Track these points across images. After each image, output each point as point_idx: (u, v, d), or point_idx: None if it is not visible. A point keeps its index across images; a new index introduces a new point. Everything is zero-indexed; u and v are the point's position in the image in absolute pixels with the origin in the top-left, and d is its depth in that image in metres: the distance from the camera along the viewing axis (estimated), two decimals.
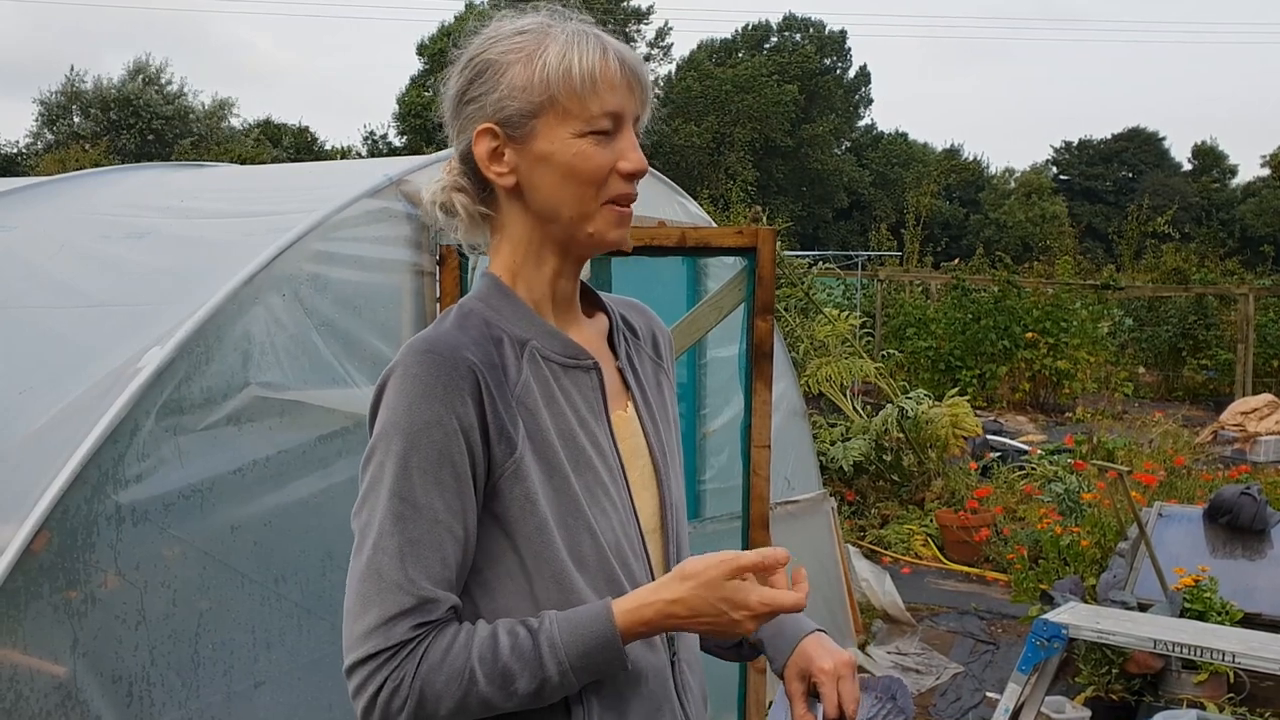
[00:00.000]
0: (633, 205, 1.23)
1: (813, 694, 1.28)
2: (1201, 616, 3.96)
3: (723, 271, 3.98)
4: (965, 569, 6.33)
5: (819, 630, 1.33)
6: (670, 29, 45.34)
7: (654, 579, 1.21)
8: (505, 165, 1.19)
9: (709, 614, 1.11)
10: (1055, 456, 7.83)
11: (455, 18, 35.49)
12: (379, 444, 1.12)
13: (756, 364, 2.95)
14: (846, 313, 8.86)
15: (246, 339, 2.44)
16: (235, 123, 34.10)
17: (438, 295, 2.92)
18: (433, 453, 1.10)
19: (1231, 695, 3.94)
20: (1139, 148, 44.37)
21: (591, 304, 1.34)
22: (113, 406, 2.17)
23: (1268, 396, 10.72)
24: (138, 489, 2.21)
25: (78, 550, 2.10)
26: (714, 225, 4.22)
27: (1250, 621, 3.97)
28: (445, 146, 3.42)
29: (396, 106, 35.95)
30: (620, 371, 1.31)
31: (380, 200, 2.81)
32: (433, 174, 3.11)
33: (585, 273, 3.52)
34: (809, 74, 38.20)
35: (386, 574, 1.09)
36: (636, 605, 1.12)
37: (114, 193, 3.65)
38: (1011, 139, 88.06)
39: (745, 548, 3.06)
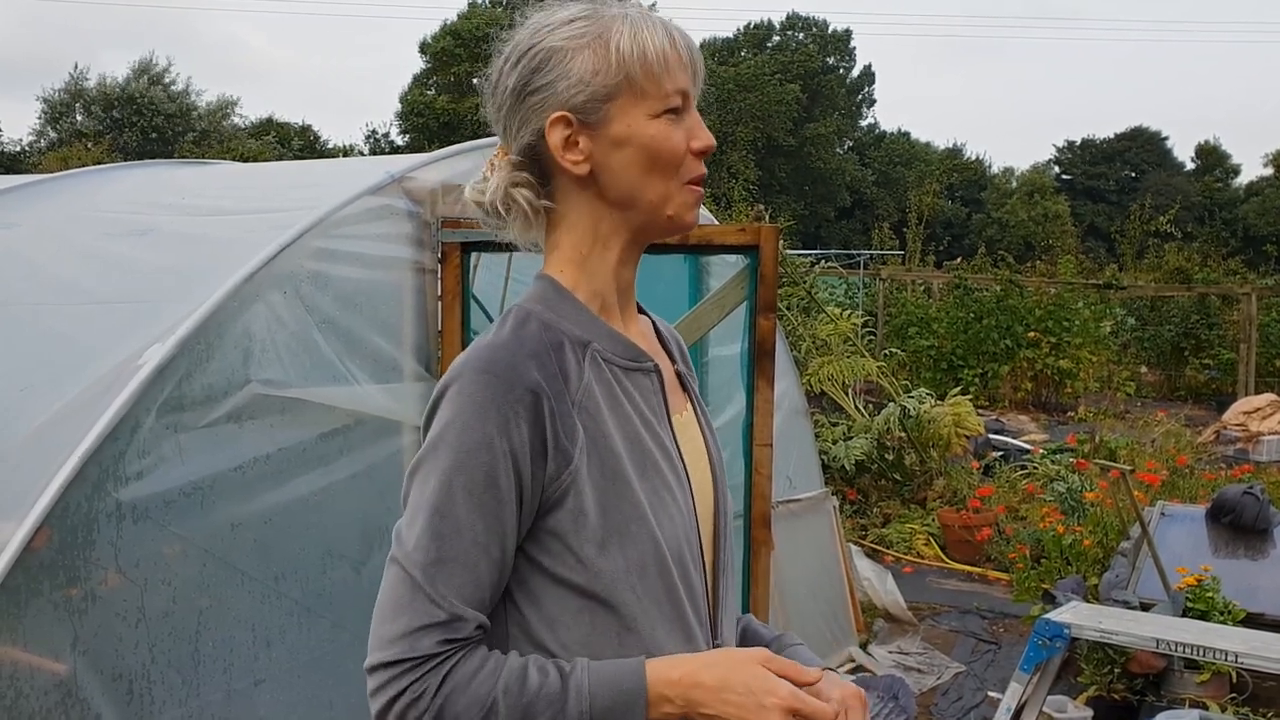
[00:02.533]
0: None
1: None
2: (1204, 616, 3.95)
3: (725, 270, 3.97)
4: (967, 568, 6.32)
5: (828, 669, 1.31)
6: None
7: (707, 584, 1.21)
8: (580, 153, 1.16)
9: (734, 695, 1.07)
10: (1057, 456, 7.82)
11: (459, 16, 35.51)
12: (428, 456, 1.11)
13: (758, 362, 2.94)
14: (849, 312, 8.85)
15: (247, 336, 2.44)
16: (238, 121, 34.14)
17: (439, 293, 2.92)
18: (479, 474, 1.08)
19: (1234, 695, 3.93)
20: (1141, 147, 44.33)
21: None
22: (113, 404, 2.17)
23: (1270, 396, 10.70)
24: (138, 486, 2.20)
25: (78, 548, 2.10)
26: (716, 223, 4.21)
27: (1253, 621, 3.96)
28: (449, 144, 3.40)
29: (399, 105, 35.97)
30: (678, 373, 1.30)
31: (382, 197, 2.80)
32: (434, 172, 3.10)
33: None
34: (811, 73, 38.19)
35: (421, 586, 1.08)
36: (669, 665, 1.10)
37: (116, 190, 3.64)
38: (1014, 138, 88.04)
39: (747, 546, 3.06)
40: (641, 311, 1.32)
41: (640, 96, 1.15)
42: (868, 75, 42.90)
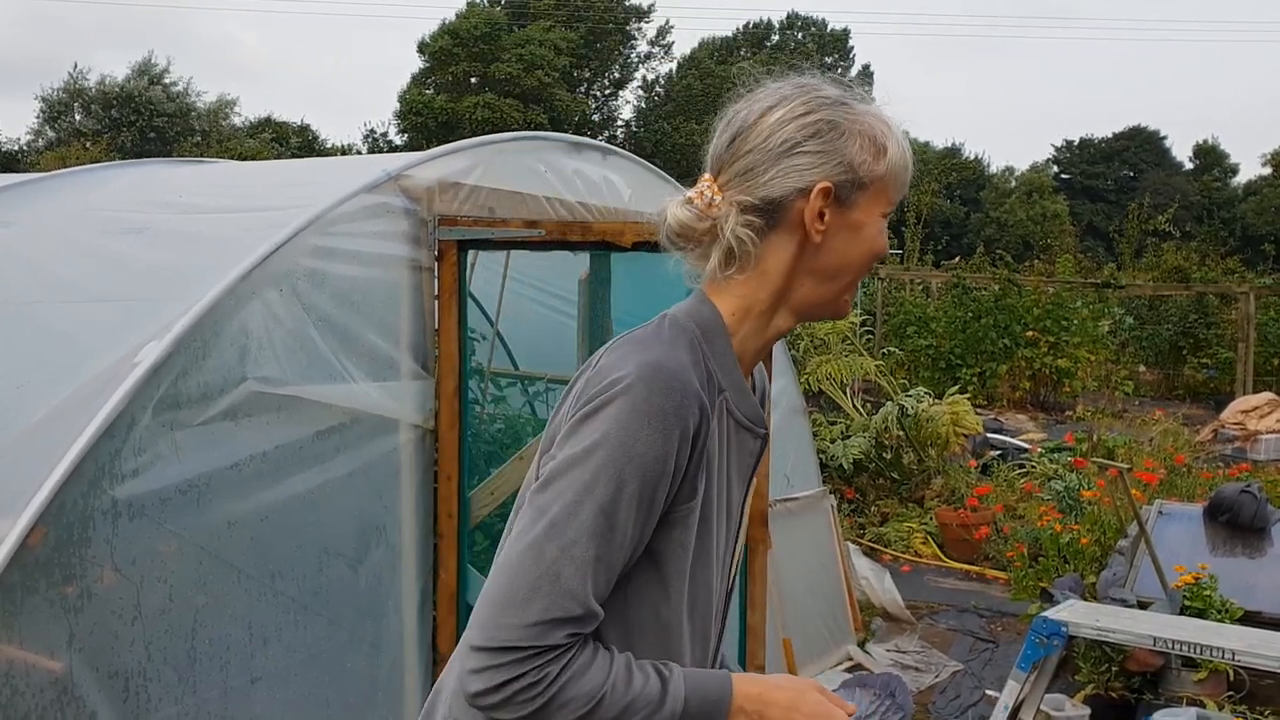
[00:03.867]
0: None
1: None
2: (1201, 614, 3.95)
3: None
4: (965, 567, 6.32)
5: None
6: (671, 27, 45.30)
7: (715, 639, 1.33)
8: (824, 224, 1.23)
9: (804, 711, 1.18)
10: (1055, 455, 7.82)
11: (457, 15, 35.47)
12: (602, 451, 1.12)
13: None
14: None
15: (244, 334, 2.44)
16: (237, 121, 34.11)
17: (436, 291, 2.91)
18: (650, 487, 1.13)
19: (1231, 693, 3.92)
20: (1140, 146, 44.33)
21: None
22: (109, 401, 2.16)
23: (1268, 395, 10.71)
24: (134, 484, 2.20)
25: (74, 545, 2.10)
26: None
27: (1250, 619, 3.95)
28: (446, 143, 3.38)
29: (398, 104, 35.93)
30: (764, 438, 1.34)
31: (379, 195, 2.80)
32: (430, 170, 3.09)
33: (584, 269, 3.48)
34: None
35: (566, 579, 1.11)
36: (747, 680, 1.20)
37: (113, 189, 3.64)
38: (1012, 138, 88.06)
39: (744, 545, 3.06)
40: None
41: (881, 197, 1.26)
42: (866, 75, 42.87)
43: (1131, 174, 43.45)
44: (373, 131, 36.11)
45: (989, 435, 8.63)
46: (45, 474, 2.07)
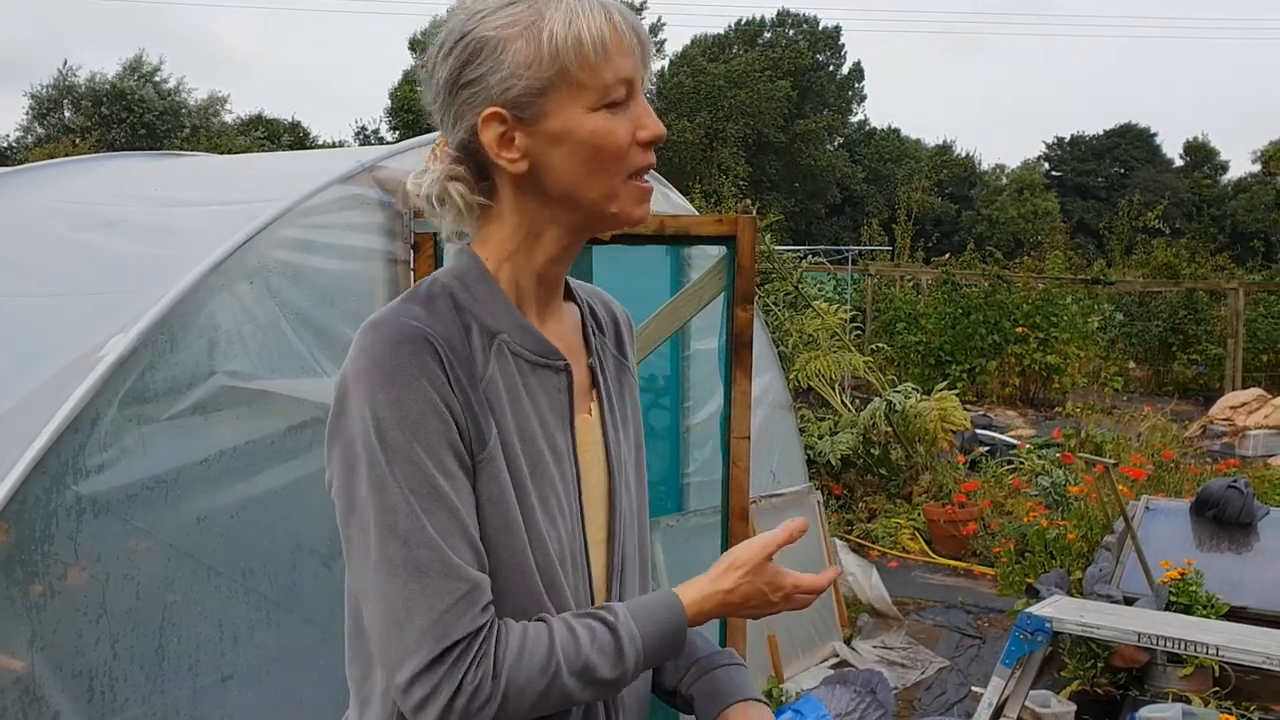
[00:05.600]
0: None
1: None
2: (1187, 610, 3.93)
3: (706, 263, 3.94)
4: (952, 563, 6.31)
5: (755, 700, 1.27)
6: (663, 24, 45.20)
7: (591, 592, 1.18)
8: (517, 150, 1.10)
9: (756, 599, 1.16)
10: (1044, 451, 7.81)
11: (448, 12, 35.35)
12: (367, 440, 1.03)
13: (736, 354, 2.91)
14: (836, 306, 8.83)
15: (212, 327, 2.40)
16: (228, 119, 33.98)
17: (412, 283, 2.87)
18: (434, 436, 1.04)
19: (1217, 689, 3.91)
20: (1131, 144, 44.44)
21: (565, 293, 1.27)
22: (73, 395, 2.12)
23: (1257, 391, 10.72)
24: (99, 479, 2.16)
25: (36, 542, 2.06)
26: (696, 214, 4.17)
27: (1236, 615, 3.94)
28: None
29: (389, 101, 35.84)
30: (591, 370, 1.25)
31: (353, 187, 2.76)
32: (406, 161, 3.07)
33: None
34: (802, 70, 38.13)
35: (427, 567, 1.02)
36: (700, 598, 1.16)
37: (88, 181, 3.60)
38: (1004, 135, 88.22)
39: (724, 540, 3.03)
40: (573, 299, 1.27)
41: (578, 89, 1.08)
42: (857, 72, 42.89)
43: (1122, 171, 43.57)
44: (364, 129, 36.01)
45: (978, 431, 8.62)
46: (6, 470, 2.03)
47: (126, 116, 30.68)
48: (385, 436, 1.03)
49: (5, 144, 30.63)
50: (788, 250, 13.54)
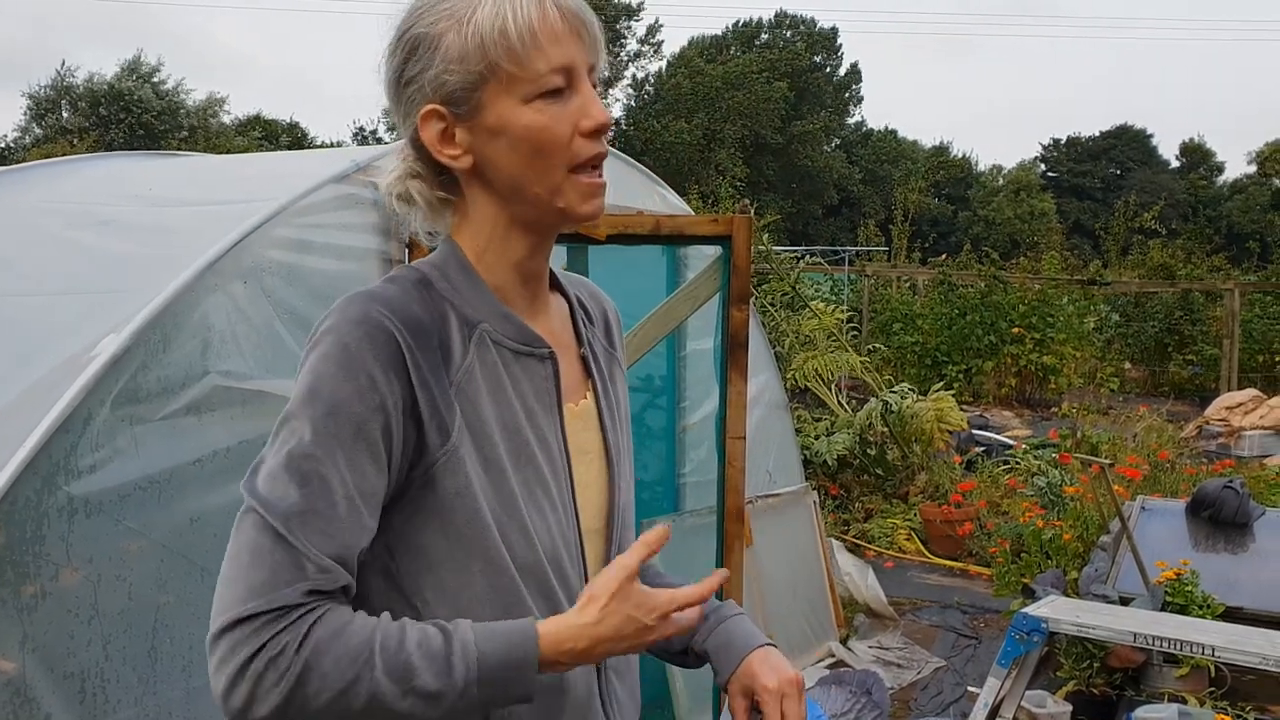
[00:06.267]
0: (603, 166, 1.13)
1: (756, 710, 1.21)
2: (1183, 610, 3.93)
3: (702, 262, 3.94)
4: (948, 563, 6.31)
5: (768, 645, 1.25)
6: (660, 26, 45.24)
7: (586, 581, 1.13)
8: (458, 147, 1.09)
9: (629, 627, 1.04)
10: (1040, 451, 7.81)
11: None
12: (297, 408, 1.03)
13: (731, 354, 2.90)
14: (833, 307, 8.83)
15: (206, 327, 2.39)
16: (226, 119, 33.93)
17: None
18: (350, 426, 1.01)
19: (1213, 689, 3.91)
20: (1127, 145, 44.52)
21: (551, 285, 1.25)
22: (65, 395, 2.11)
23: (1252, 391, 10.73)
24: (91, 480, 2.15)
25: (27, 543, 2.04)
26: (692, 214, 4.17)
27: (1231, 615, 3.94)
28: None
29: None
30: (583, 360, 1.23)
31: (347, 186, 2.75)
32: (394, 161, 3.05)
33: (560, 260, 3.44)
34: (799, 71, 38.18)
35: (283, 535, 0.98)
36: (560, 631, 1.03)
37: (82, 181, 3.59)
38: (1000, 136, 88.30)
39: (720, 540, 3.03)
40: (561, 291, 1.26)
41: (510, 81, 1.06)
42: (854, 73, 42.91)
43: (1118, 172, 43.65)
44: (362, 129, 35.98)
45: (974, 431, 8.62)
46: None
47: (124, 117, 30.62)
48: (308, 409, 1.02)
49: (3, 144, 30.58)
50: (785, 251, 13.55)
